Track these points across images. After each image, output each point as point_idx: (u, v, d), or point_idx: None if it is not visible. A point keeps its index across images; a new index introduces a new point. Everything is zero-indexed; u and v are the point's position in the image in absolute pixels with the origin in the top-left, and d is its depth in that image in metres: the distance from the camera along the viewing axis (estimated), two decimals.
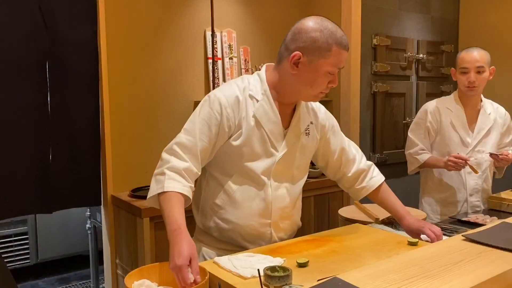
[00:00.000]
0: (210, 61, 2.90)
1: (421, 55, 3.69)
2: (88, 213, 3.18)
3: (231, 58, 2.98)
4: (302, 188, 1.63)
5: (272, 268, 1.16)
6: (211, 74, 2.89)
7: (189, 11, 2.87)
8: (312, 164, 3.07)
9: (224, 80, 2.94)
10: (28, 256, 3.54)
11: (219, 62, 2.93)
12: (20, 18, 2.27)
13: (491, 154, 2.25)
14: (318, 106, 1.64)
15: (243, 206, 1.48)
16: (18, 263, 3.50)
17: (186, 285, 1.12)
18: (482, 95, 2.37)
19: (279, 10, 3.26)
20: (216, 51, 2.91)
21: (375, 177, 1.69)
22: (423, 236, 1.54)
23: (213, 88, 2.82)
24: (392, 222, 1.71)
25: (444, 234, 1.62)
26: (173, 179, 1.34)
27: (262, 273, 1.13)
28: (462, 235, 1.30)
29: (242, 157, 1.45)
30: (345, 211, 2.01)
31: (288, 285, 1.12)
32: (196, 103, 2.24)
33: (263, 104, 1.46)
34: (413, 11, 3.68)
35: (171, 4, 2.79)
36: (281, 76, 1.46)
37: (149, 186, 1.40)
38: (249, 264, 1.25)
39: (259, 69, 1.57)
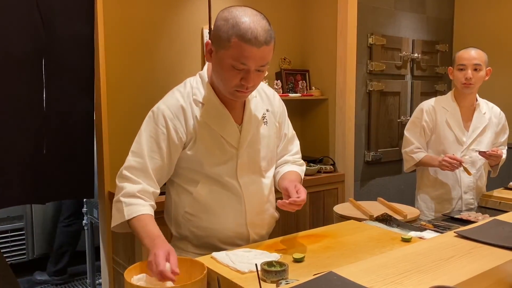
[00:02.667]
0: None
1: (416, 55, 3.72)
2: (85, 209, 3.19)
3: None
4: (273, 179, 1.59)
5: (269, 263, 1.19)
6: None
7: (186, 9, 2.88)
8: (309, 162, 3.11)
9: None
10: (24, 251, 3.54)
11: None
12: (17, 14, 2.27)
13: (479, 152, 2.28)
14: (272, 93, 1.60)
15: (216, 211, 1.45)
16: (14, 258, 3.50)
17: (160, 270, 1.11)
18: (477, 95, 2.40)
19: (276, 8, 3.27)
20: None
21: (290, 166, 1.63)
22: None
23: None
24: (387, 219, 1.74)
25: (437, 231, 1.65)
26: (131, 204, 1.33)
27: (259, 268, 1.15)
28: (454, 232, 1.33)
29: (202, 164, 1.42)
30: (340, 208, 2.04)
31: (284, 280, 1.14)
32: None
33: (209, 106, 1.41)
34: (408, 10, 3.71)
35: (168, 2, 2.80)
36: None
37: None
38: (246, 259, 1.27)
39: None
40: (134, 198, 1.34)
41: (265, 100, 1.56)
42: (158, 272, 1.12)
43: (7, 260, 3.42)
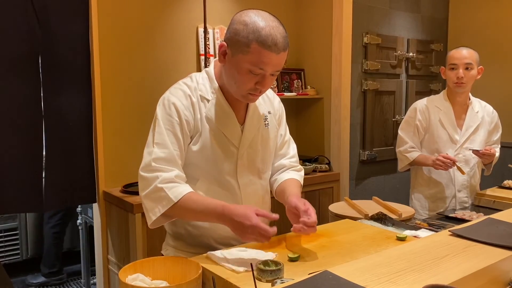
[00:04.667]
0: (202, 57, 2.91)
1: (411, 54, 3.73)
2: (79, 209, 3.18)
3: None
4: (268, 181, 1.59)
5: (265, 262, 1.18)
6: None
7: (181, 7, 2.87)
8: (304, 162, 3.11)
9: None
10: (18, 251, 3.52)
11: (212, 58, 2.94)
12: (12, 13, 2.26)
13: (473, 151, 2.30)
14: (272, 95, 1.61)
15: None
16: (8, 258, 3.48)
17: (270, 234, 1.21)
18: (470, 94, 2.42)
19: (271, 7, 3.27)
20: (209, 48, 2.92)
21: (289, 173, 1.61)
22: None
23: None
24: (382, 218, 1.74)
25: (432, 230, 1.65)
26: (174, 187, 1.31)
27: (254, 267, 1.15)
28: (449, 230, 1.34)
29: (203, 161, 1.42)
30: (335, 207, 2.04)
31: (280, 279, 1.13)
32: None
33: (215, 104, 1.42)
34: (403, 10, 3.72)
35: (163, 0, 2.79)
36: (222, 69, 1.41)
37: None
38: (241, 258, 1.27)
39: None
40: (174, 183, 1.33)
41: (267, 101, 1.57)
42: (269, 236, 1.21)
43: (1, 260, 3.40)
